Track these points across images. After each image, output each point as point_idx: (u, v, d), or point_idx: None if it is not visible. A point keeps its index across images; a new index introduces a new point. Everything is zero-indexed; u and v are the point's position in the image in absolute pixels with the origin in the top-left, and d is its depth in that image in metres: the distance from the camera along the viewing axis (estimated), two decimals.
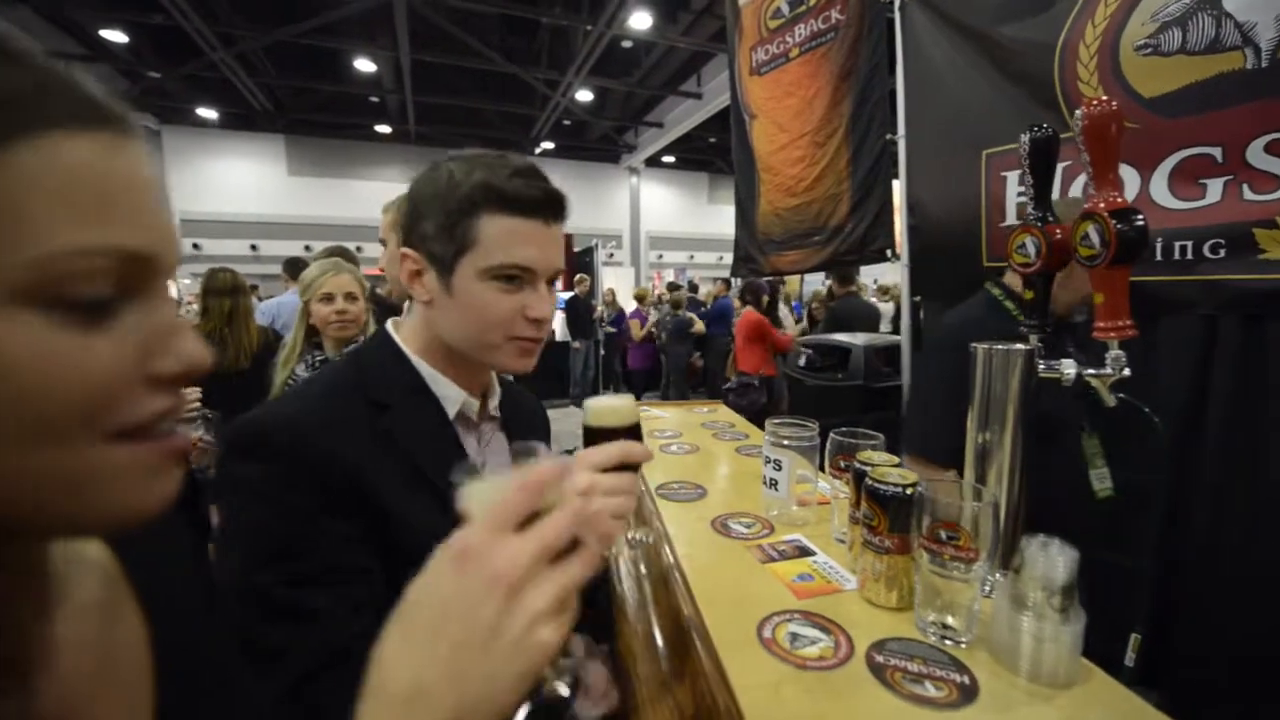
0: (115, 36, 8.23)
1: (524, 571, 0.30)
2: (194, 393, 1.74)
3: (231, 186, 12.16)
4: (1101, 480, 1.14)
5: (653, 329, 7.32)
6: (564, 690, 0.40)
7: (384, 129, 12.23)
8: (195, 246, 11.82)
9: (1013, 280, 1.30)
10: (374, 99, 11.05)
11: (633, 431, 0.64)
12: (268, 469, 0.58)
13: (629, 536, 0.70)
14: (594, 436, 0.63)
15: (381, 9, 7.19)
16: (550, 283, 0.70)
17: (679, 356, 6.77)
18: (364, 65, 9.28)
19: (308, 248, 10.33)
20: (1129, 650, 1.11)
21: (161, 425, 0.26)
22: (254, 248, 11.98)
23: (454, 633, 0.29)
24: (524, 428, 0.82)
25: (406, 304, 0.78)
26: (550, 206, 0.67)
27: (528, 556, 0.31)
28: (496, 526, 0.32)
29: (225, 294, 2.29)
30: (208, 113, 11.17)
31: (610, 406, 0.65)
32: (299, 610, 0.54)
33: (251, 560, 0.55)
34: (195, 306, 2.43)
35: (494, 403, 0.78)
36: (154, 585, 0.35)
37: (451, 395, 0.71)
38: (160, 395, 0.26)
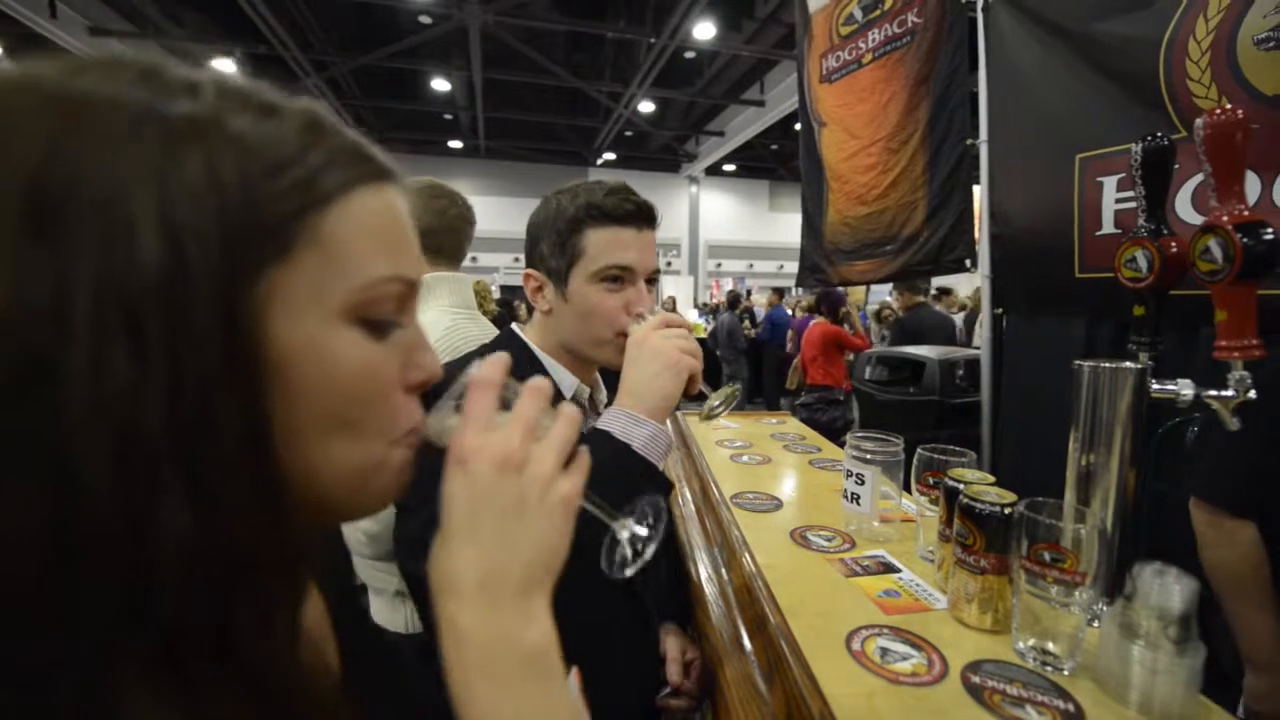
0: (225, 66, 9.10)
1: (518, 447, 0.34)
2: None
3: None
4: None
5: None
6: (641, 530, 0.45)
7: (456, 144, 12.86)
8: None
9: None
10: (447, 116, 11.66)
11: None
12: None
13: (711, 402, 0.78)
14: None
15: (457, 32, 7.59)
16: (649, 282, 0.81)
17: (736, 365, 6.72)
18: (439, 85, 9.81)
19: None
20: (1243, 700, 1.02)
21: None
22: None
23: (489, 519, 0.33)
24: None
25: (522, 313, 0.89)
26: (641, 215, 0.78)
27: (516, 436, 0.34)
28: (478, 428, 0.35)
29: None
30: None
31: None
32: None
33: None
34: None
35: (601, 398, 0.88)
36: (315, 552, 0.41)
37: (567, 380, 0.82)
38: (414, 401, 0.32)
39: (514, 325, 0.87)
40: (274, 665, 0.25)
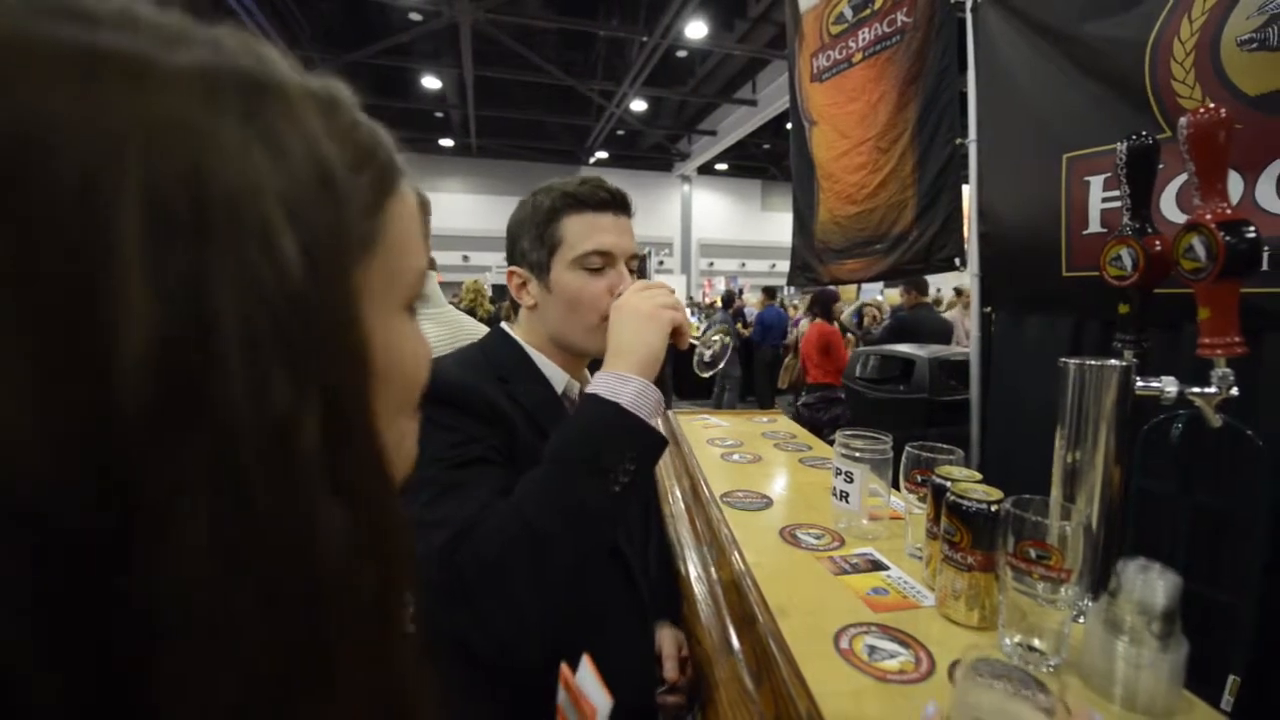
0: None
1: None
2: None
3: None
4: None
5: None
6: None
7: (447, 142, 12.79)
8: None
9: None
10: (438, 114, 11.59)
11: None
12: (440, 408, 0.70)
13: (702, 352, 0.82)
14: None
15: (448, 29, 7.55)
16: (631, 270, 0.82)
17: (729, 364, 6.73)
18: (430, 82, 9.75)
19: None
20: (1225, 694, 1.03)
21: None
22: None
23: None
24: None
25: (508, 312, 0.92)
26: (615, 202, 0.80)
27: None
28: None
29: None
30: None
31: None
32: (458, 484, 0.66)
33: (424, 462, 0.66)
34: None
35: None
36: None
37: (558, 376, 0.82)
38: None
39: (504, 324, 0.87)
40: (412, 648, 0.26)
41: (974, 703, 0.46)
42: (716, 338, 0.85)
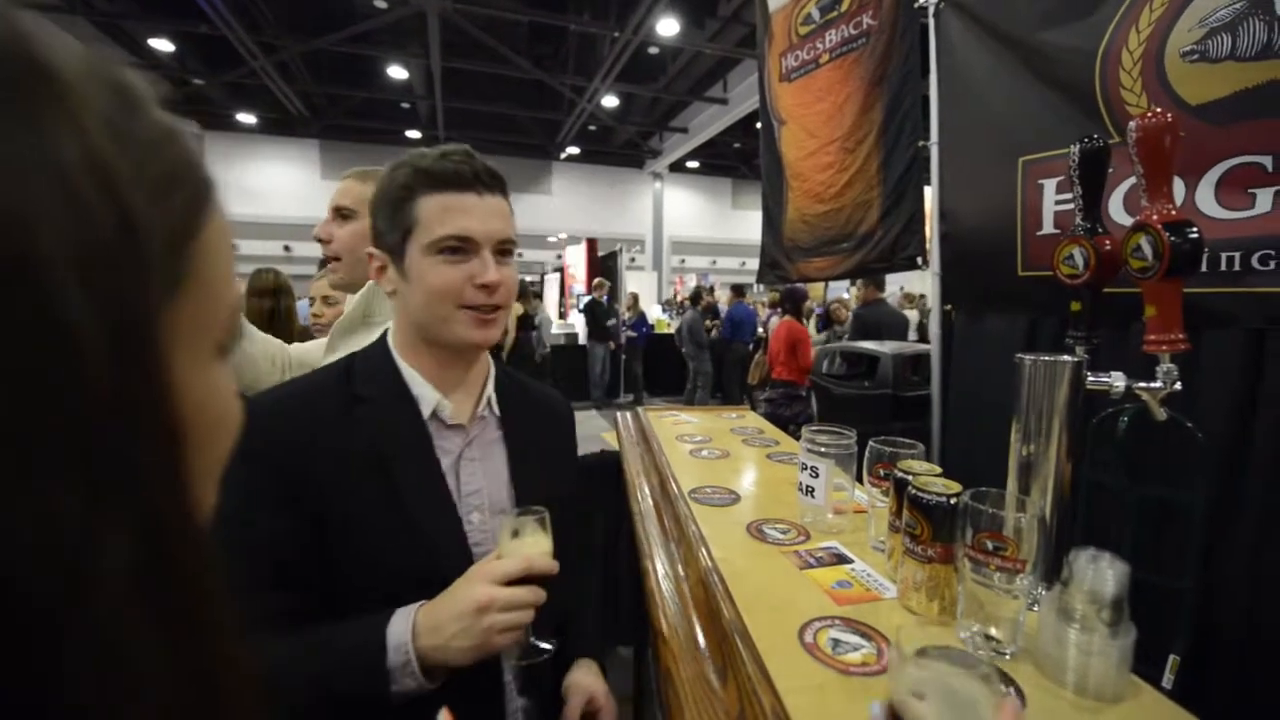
0: (163, 46, 8.57)
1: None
2: None
3: (268, 189, 12.53)
4: None
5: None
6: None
7: (414, 134, 12.50)
8: (233, 247, 12.17)
9: None
10: (405, 105, 11.32)
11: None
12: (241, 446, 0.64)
13: (532, 642, 0.70)
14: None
15: (414, 18, 7.37)
16: (502, 254, 0.73)
17: (700, 360, 6.77)
18: (396, 72, 9.50)
19: None
20: (1167, 672, 1.08)
21: None
22: (287, 249, 12.31)
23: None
24: (536, 430, 0.84)
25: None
26: (479, 179, 0.71)
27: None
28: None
29: (266, 294, 2.33)
30: (247, 118, 11.55)
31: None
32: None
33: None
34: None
35: (484, 405, 0.78)
36: None
37: (426, 395, 0.73)
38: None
39: (390, 324, 0.79)
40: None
41: (913, 676, 0.47)
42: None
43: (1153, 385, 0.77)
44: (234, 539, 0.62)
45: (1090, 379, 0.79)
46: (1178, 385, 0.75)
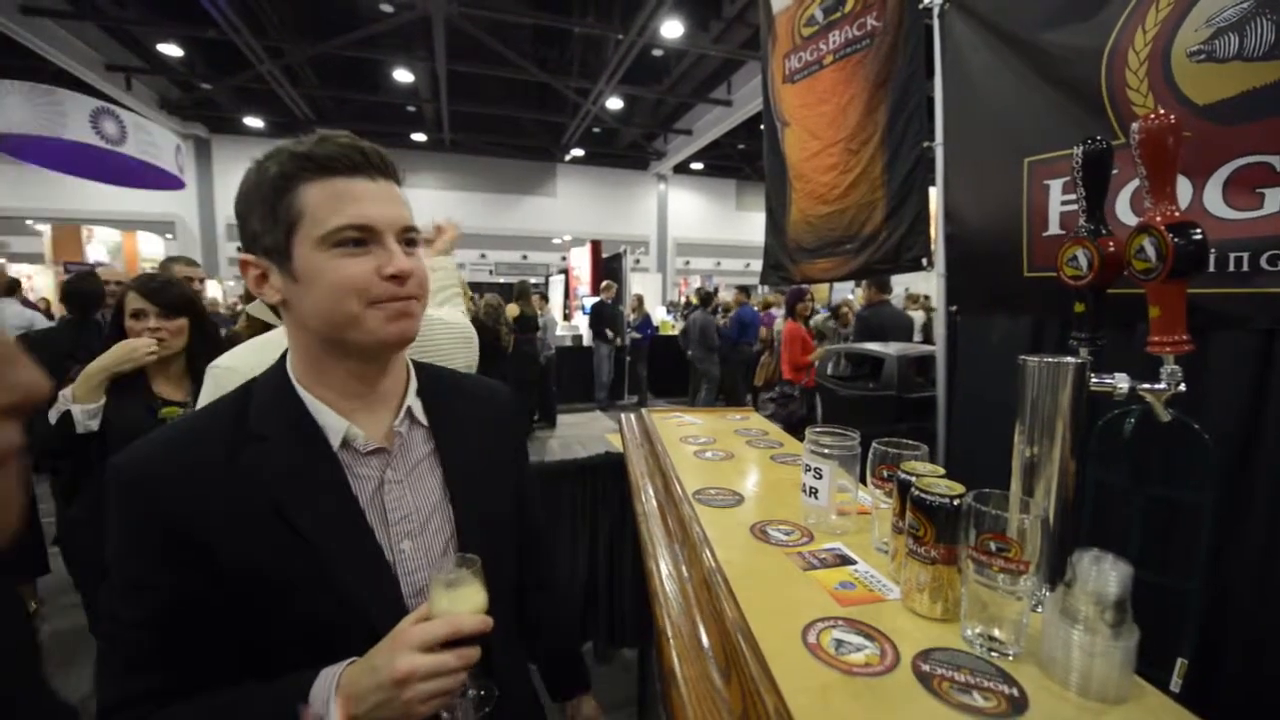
0: (171, 50, 8.65)
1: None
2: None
3: None
4: None
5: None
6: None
7: (419, 137, 12.56)
8: (239, 250, 12.27)
9: None
10: (410, 108, 11.38)
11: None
12: (115, 506, 0.60)
13: (478, 694, 0.67)
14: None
15: (420, 22, 7.41)
16: (408, 243, 0.65)
17: (707, 363, 6.76)
18: (402, 76, 9.56)
19: None
20: (1175, 676, 1.07)
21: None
22: None
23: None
24: (474, 434, 0.77)
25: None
26: (370, 162, 0.63)
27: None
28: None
29: None
30: (254, 122, 11.64)
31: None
32: (110, 643, 0.61)
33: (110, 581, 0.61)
34: (241, 309, 2.57)
35: (402, 419, 0.71)
36: None
37: (333, 425, 0.66)
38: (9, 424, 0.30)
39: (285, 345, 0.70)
40: None
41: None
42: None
43: (1157, 387, 0.77)
44: (134, 606, 0.59)
45: (1094, 380, 0.79)
46: (1182, 386, 0.75)
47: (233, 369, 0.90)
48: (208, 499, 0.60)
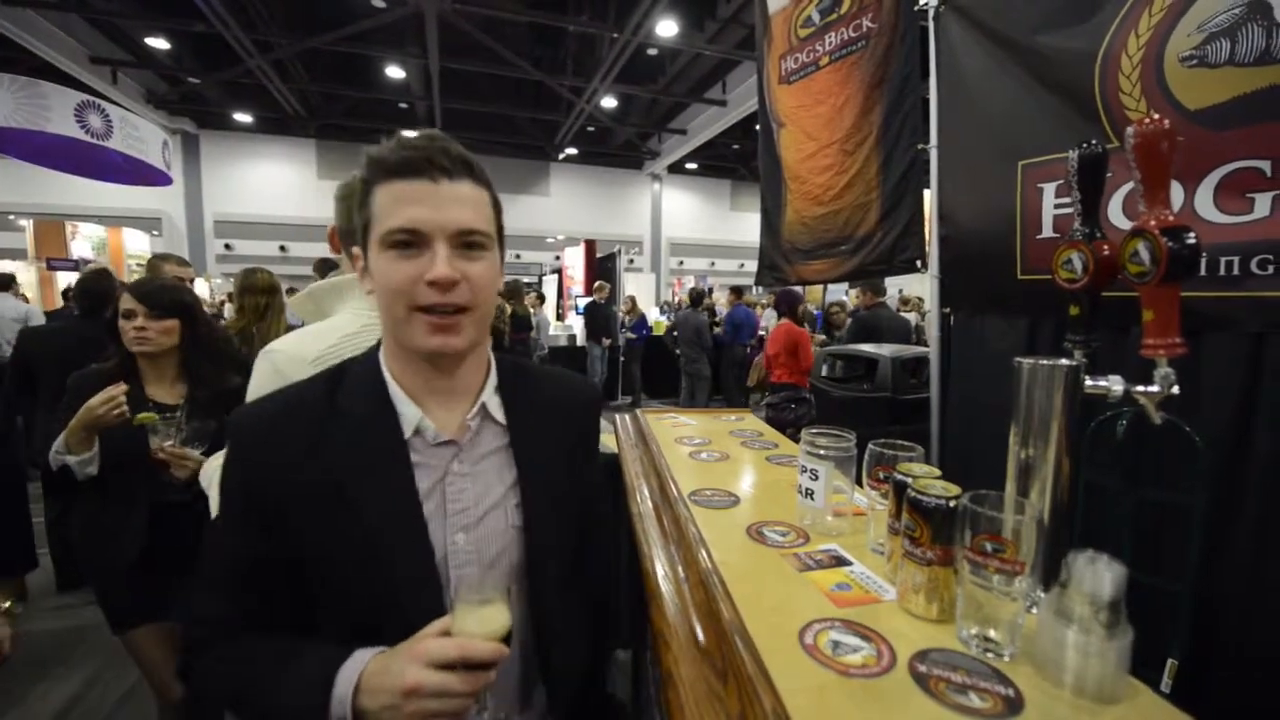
0: (159, 44, 8.54)
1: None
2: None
3: (263, 189, 12.49)
4: None
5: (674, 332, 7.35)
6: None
7: (411, 134, 12.47)
8: (227, 247, 12.15)
9: None
10: (403, 105, 11.30)
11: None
12: (227, 449, 0.69)
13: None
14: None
15: (413, 18, 7.36)
16: (467, 246, 0.65)
17: (699, 364, 6.75)
18: (394, 72, 9.49)
19: None
20: (1165, 676, 1.09)
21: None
22: (283, 249, 12.28)
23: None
24: (546, 429, 0.78)
25: None
26: (432, 164, 0.63)
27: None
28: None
29: (261, 293, 2.39)
30: (243, 117, 11.52)
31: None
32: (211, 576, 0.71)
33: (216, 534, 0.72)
34: (229, 304, 2.59)
35: (475, 414, 0.72)
36: None
37: (408, 414, 0.69)
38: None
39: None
40: None
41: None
42: None
43: (1150, 389, 0.77)
44: (228, 541, 0.68)
45: (1088, 382, 0.80)
46: (1175, 389, 0.76)
47: (283, 351, 0.93)
48: (293, 470, 0.65)
